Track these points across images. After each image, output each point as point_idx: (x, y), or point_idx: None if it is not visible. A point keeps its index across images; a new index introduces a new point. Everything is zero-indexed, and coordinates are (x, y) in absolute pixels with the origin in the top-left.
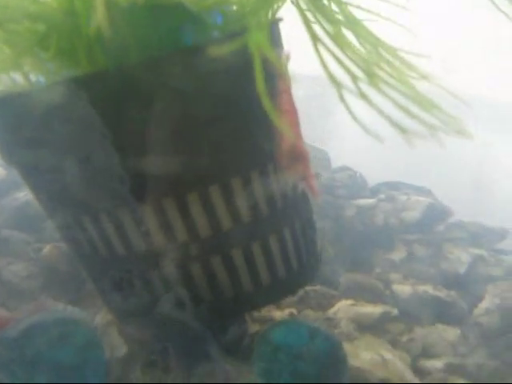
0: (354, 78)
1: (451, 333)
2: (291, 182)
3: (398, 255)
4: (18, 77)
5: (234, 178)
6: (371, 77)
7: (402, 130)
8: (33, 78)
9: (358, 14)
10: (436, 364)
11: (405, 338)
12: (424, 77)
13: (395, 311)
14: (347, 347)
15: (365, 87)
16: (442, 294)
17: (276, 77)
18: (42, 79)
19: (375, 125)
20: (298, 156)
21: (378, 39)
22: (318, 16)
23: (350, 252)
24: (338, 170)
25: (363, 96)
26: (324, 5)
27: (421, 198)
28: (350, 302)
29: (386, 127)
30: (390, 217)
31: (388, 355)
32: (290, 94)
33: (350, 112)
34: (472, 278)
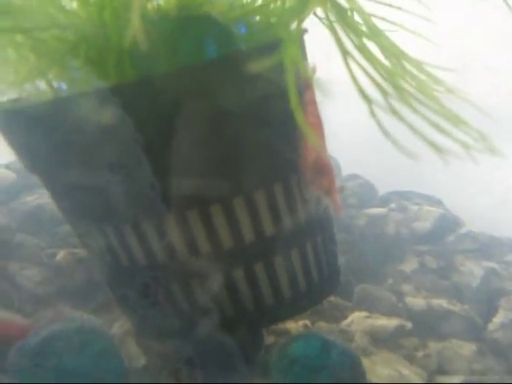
0: (385, 93)
1: (466, 348)
2: (315, 195)
3: (409, 266)
4: (41, 84)
5: (257, 190)
6: (401, 92)
7: (437, 148)
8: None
9: (382, 25)
10: (452, 381)
11: (420, 354)
12: (450, 90)
13: (409, 325)
14: (364, 362)
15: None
16: (456, 308)
17: (304, 89)
18: (64, 87)
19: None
20: (323, 169)
21: (402, 51)
22: (345, 27)
23: (361, 262)
24: (348, 178)
25: (394, 112)
26: (349, 16)
27: (432, 209)
28: (363, 314)
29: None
30: (401, 227)
31: (405, 371)
32: (315, 106)
33: (382, 129)
34: (485, 292)
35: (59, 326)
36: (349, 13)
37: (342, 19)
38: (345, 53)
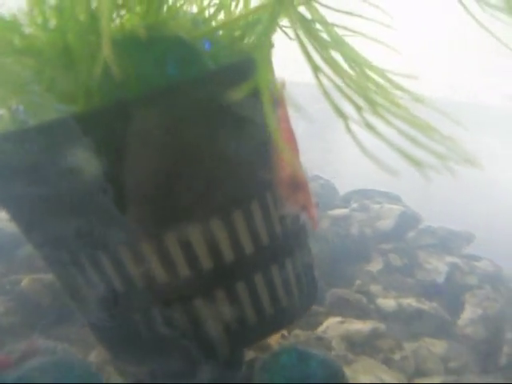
0: (359, 108)
1: (439, 347)
2: (292, 212)
3: (375, 266)
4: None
5: (236, 210)
6: (373, 105)
7: (416, 163)
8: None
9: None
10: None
11: (397, 356)
12: (418, 99)
13: (382, 326)
14: (345, 371)
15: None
16: (425, 306)
17: (276, 106)
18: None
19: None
20: (299, 185)
21: (365, 60)
22: (311, 40)
23: (328, 265)
24: (310, 179)
25: (369, 127)
26: (316, 29)
27: (393, 206)
28: (338, 319)
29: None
30: (364, 226)
31: (386, 377)
32: (288, 122)
33: (359, 145)
34: (450, 288)
35: (37, 361)
36: (313, 24)
37: (308, 31)
38: (315, 68)
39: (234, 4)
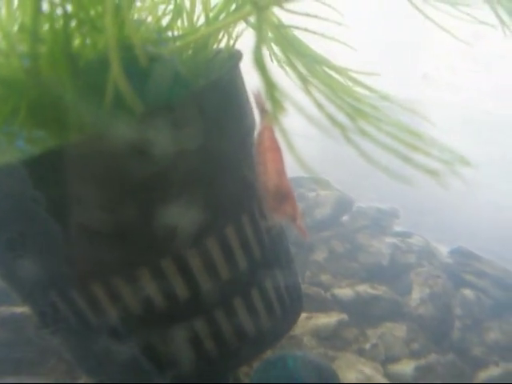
0: (353, 117)
1: (399, 330)
2: (279, 223)
3: (320, 255)
4: None
5: (228, 227)
6: (361, 113)
7: (406, 180)
8: None
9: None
10: (405, 368)
11: (367, 346)
12: (385, 97)
13: (345, 317)
14: None
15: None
16: (379, 291)
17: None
18: None
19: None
20: (285, 195)
21: (328, 60)
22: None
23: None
24: None
25: (366, 134)
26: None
27: (327, 192)
28: (303, 315)
29: None
30: (304, 216)
31: (366, 370)
32: (271, 131)
33: (363, 155)
34: (394, 268)
35: None
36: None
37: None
38: (304, 81)
39: (191, 8)
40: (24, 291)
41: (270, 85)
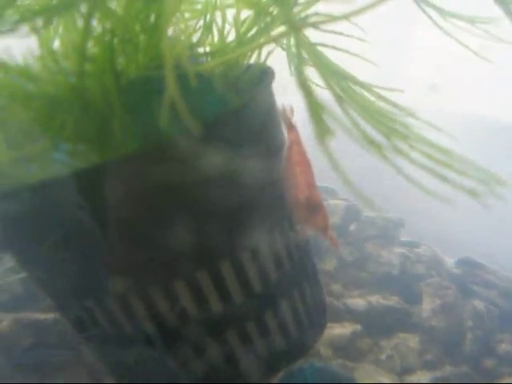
0: (388, 136)
1: (412, 341)
2: (310, 234)
3: (330, 264)
4: None
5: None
6: (395, 131)
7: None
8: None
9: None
10: (421, 380)
11: (383, 357)
12: (410, 114)
13: (359, 327)
14: None
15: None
16: (391, 302)
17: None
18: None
19: None
20: (316, 207)
21: (354, 77)
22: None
23: None
24: None
25: (401, 152)
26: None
27: (337, 202)
28: None
29: None
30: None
31: (386, 381)
32: (299, 145)
33: (402, 174)
34: (403, 279)
35: None
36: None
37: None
38: (340, 99)
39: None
40: (61, 296)
41: (316, 107)
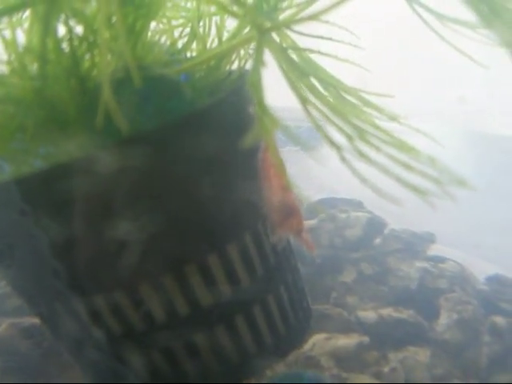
0: (350, 138)
1: (423, 355)
2: (284, 237)
3: (349, 277)
4: None
5: (229, 244)
6: (360, 132)
7: (420, 192)
8: None
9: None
10: None
11: (386, 369)
12: (393, 118)
13: (367, 339)
14: None
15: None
16: (404, 315)
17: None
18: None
19: None
20: (290, 210)
21: (341, 82)
22: (293, 70)
23: (303, 278)
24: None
25: (363, 155)
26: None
27: (359, 214)
28: (323, 335)
29: None
30: (334, 236)
31: None
32: (275, 148)
33: (356, 174)
34: (423, 293)
35: None
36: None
37: (289, 61)
38: (304, 100)
39: (204, 31)
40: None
41: (262, 107)
